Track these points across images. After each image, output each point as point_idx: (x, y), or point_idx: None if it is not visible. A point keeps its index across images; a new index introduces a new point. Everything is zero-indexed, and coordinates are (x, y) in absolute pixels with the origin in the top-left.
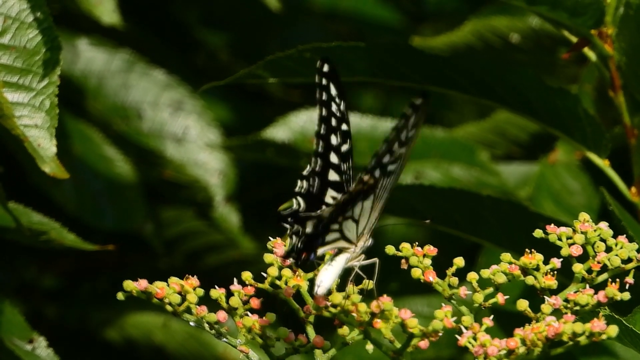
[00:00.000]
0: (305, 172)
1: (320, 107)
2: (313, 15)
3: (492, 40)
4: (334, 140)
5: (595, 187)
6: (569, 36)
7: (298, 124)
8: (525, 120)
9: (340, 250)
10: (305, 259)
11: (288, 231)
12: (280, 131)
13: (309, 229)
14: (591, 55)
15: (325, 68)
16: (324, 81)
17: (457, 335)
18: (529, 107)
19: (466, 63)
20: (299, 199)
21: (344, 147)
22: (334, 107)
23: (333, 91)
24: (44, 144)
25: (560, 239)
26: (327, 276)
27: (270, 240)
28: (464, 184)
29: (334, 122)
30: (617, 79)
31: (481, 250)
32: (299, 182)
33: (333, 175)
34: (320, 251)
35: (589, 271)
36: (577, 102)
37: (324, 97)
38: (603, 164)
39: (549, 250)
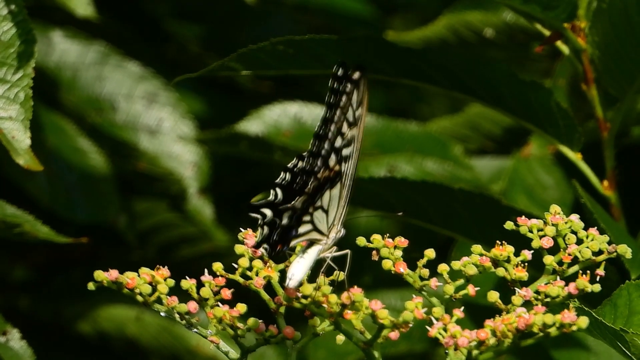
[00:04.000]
0: (290, 165)
1: (327, 109)
2: (284, 7)
3: (467, 35)
4: (337, 142)
5: (568, 181)
6: (543, 30)
7: (272, 118)
8: (499, 115)
9: (312, 242)
10: (279, 250)
11: (259, 221)
12: (253, 124)
13: (285, 221)
14: (564, 49)
15: (340, 72)
16: (336, 85)
17: (427, 327)
18: (502, 101)
19: (439, 56)
20: (278, 190)
21: (346, 151)
22: (339, 112)
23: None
24: (18, 136)
25: (531, 231)
26: (298, 269)
27: (241, 231)
28: (437, 178)
29: (344, 126)
30: (590, 72)
31: (454, 244)
32: (281, 174)
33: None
34: (293, 243)
35: (560, 263)
36: (549, 96)
37: (332, 99)
38: (575, 157)
39: (521, 243)
